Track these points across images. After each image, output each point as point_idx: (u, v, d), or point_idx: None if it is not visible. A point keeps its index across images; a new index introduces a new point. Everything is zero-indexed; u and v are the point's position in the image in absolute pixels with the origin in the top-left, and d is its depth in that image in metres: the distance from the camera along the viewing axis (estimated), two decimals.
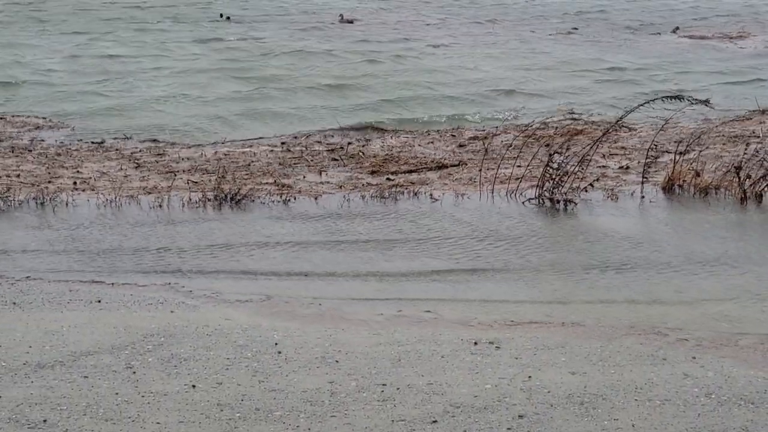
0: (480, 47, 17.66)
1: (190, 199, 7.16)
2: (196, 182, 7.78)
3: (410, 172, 8.20)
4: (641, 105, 7.06)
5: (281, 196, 7.24)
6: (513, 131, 8.56)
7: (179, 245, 6.17)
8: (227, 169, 8.17)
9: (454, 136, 9.94)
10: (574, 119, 9.64)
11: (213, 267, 5.77)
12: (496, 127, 9.98)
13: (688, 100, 7.02)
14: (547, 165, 7.04)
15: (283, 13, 23.53)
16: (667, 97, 7.09)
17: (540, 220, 6.77)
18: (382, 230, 6.46)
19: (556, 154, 7.07)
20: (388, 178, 7.92)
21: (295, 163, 8.55)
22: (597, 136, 7.81)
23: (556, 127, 9.06)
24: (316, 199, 7.28)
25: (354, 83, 13.32)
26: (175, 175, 7.96)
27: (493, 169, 7.67)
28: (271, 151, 9.17)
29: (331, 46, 17.36)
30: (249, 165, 8.49)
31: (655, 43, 18.88)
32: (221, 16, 22.42)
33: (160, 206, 7.05)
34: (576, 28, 20.59)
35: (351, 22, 21.91)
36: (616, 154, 8.76)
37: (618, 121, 7.27)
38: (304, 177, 8.01)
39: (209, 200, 7.13)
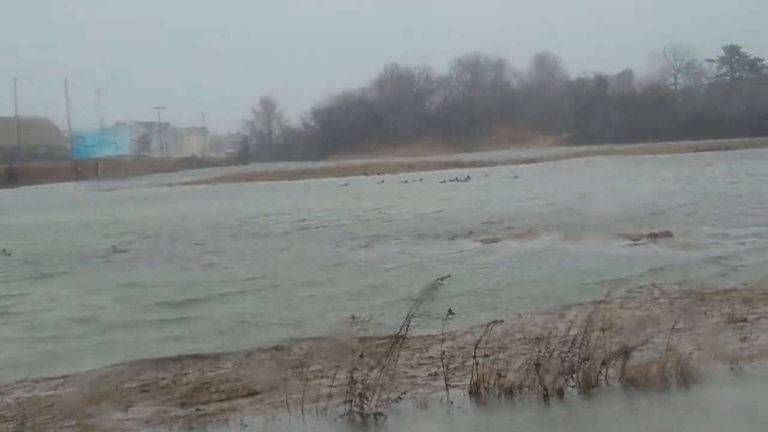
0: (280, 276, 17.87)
1: None
2: None
3: (222, 400, 8.06)
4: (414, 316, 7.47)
5: None
6: (326, 348, 8.64)
7: None
8: (27, 413, 7.77)
9: (268, 361, 9.91)
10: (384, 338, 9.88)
11: None
12: (310, 347, 10.06)
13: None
14: (353, 380, 7.13)
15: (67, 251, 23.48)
16: (450, 312, 7.64)
17: None
18: None
19: (360, 370, 7.19)
20: (197, 409, 7.74)
21: (102, 400, 8.24)
22: (413, 349, 8.03)
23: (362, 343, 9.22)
24: None
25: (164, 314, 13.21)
26: None
27: (307, 389, 7.64)
28: (78, 391, 8.83)
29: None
30: (52, 407, 8.12)
31: (450, 247, 19.91)
32: (3, 251, 22.61)
33: None
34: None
35: (125, 251, 22.31)
36: (425, 363, 8.97)
37: (403, 334, 7.60)
38: (111, 415, 7.72)
39: None
